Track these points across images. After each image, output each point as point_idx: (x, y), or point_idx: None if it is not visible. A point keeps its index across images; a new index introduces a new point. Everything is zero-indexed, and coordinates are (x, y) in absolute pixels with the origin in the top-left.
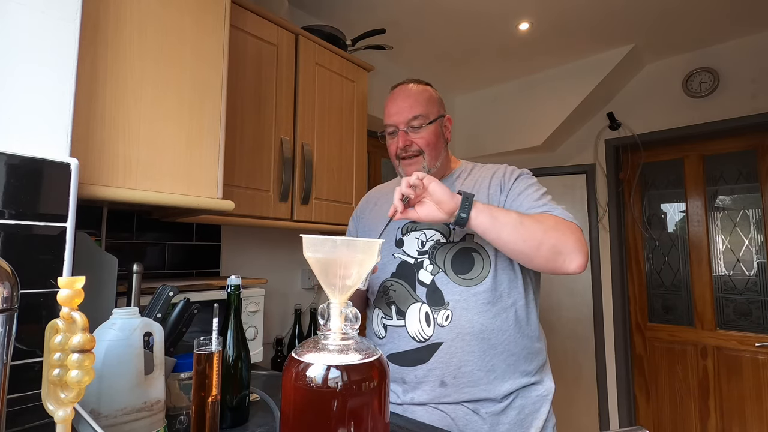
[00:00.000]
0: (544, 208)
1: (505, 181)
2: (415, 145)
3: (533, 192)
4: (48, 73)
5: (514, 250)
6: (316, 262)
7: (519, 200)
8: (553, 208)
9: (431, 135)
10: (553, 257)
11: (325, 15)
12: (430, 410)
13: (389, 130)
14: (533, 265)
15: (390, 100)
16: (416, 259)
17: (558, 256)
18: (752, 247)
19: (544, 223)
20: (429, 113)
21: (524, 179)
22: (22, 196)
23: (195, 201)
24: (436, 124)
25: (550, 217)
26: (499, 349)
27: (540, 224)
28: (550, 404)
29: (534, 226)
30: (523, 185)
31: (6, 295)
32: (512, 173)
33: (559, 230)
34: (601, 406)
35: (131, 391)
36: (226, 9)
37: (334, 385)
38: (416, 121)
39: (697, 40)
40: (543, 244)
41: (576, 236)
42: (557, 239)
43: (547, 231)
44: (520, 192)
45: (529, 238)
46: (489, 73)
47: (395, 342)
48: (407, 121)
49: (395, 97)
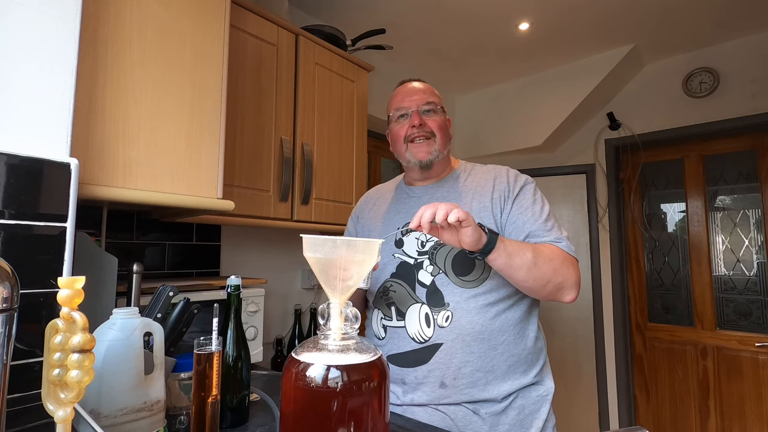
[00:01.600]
0: (551, 235)
1: (510, 188)
2: (428, 126)
3: (539, 210)
4: (48, 73)
5: (521, 286)
6: (316, 262)
7: (525, 217)
8: (559, 239)
9: (443, 121)
10: (555, 292)
11: (325, 15)
12: (430, 411)
13: (400, 113)
14: (533, 295)
15: (399, 91)
16: (416, 260)
17: (559, 291)
18: (752, 247)
19: (554, 261)
20: (439, 103)
21: (529, 189)
22: (22, 196)
23: (195, 201)
24: (445, 115)
25: (558, 252)
26: (499, 350)
27: (550, 263)
28: (550, 404)
29: (545, 266)
30: (529, 199)
31: (6, 295)
32: (516, 180)
33: (565, 268)
34: (601, 405)
35: (131, 391)
36: (226, 9)
37: (334, 385)
38: (430, 105)
39: (697, 40)
40: (550, 282)
41: (577, 273)
42: (563, 278)
43: (556, 270)
44: (525, 208)
45: (539, 278)
46: (489, 73)
47: (395, 343)
48: (421, 105)
49: (405, 88)
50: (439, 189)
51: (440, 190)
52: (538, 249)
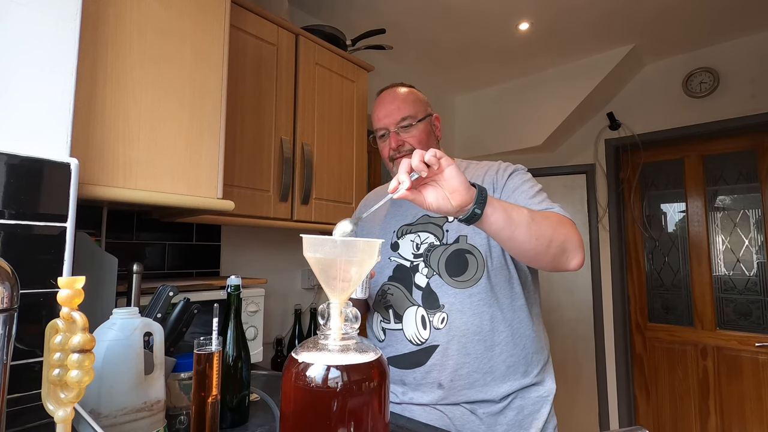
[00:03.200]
0: (543, 205)
1: (498, 177)
2: (407, 144)
3: (528, 189)
4: (48, 73)
5: (524, 249)
6: (316, 262)
7: (514, 197)
8: (551, 205)
9: (422, 133)
10: (559, 255)
11: (325, 15)
12: (428, 410)
13: (380, 134)
14: (539, 263)
15: (378, 104)
16: (412, 263)
17: (563, 253)
18: (752, 247)
19: (550, 219)
20: (417, 113)
21: (518, 175)
22: (22, 196)
23: (195, 201)
24: (425, 123)
25: (552, 213)
26: (496, 350)
27: (548, 221)
28: (551, 405)
29: (543, 222)
30: (518, 181)
31: (6, 295)
32: (506, 169)
33: (564, 227)
34: (601, 405)
35: (131, 391)
36: (225, 9)
37: (334, 385)
38: (405, 122)
39: (697, 40)
40: (552, 241)
41: (578, 234)
42: (565, 236)
43: (556, 228)
44: (515, 188)
45: (540, 235)
46: (489, 73)
47: (394, 345)
48: (397, 123)
49: (383, 101)
50: None
51: None
52: (532, 210)
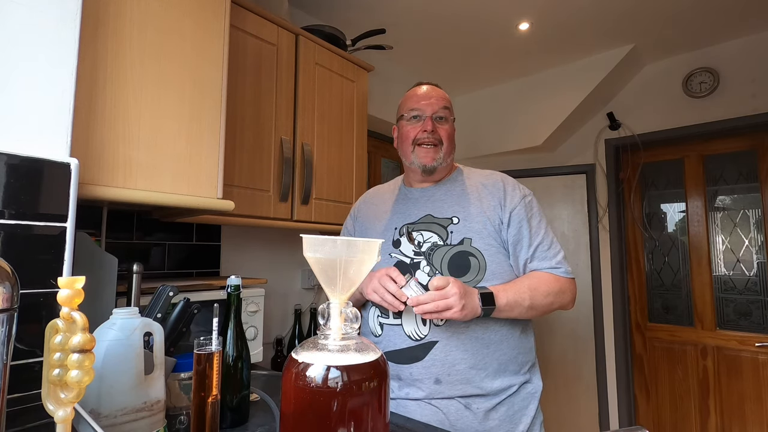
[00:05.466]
0: (550, 262)
1: (505, 199)
2: (438, 133)
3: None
4: (48, 72)
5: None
6: (316, 262)
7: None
8: (559, 264)
9: (451, 130)
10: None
11: (325, 15)
12: (423, 405)
13: (413, 114)
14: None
15: (416, 91)
16: (412, 260)
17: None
18: (752, 247)
19: (550, 296)
20: (451, 112)
21: (523, 208)
22: (22, 196)
23: (195, 201)
24: (453, 124)
25: (554, 284)
26: (491, 348)
27: (547, 299)
28: (538, 402)
29: (543, 302)
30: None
31: (6, 295)
32: (514, 190)
33: (562, 296)
34: (601, 405)
35: (131, 391)
36: (226, 9)
37: (334, 385)
38: (444, 112)
39: (697, 40)
40: (547, 311)
41: (573, 293)
42: (560, 305)
43: (553, 303)
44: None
45: (538, 314)
46: (489, 73)
47: (391, 339)
48: (435, 111)
49: (424, 90)
50: (437, 191)
51: (438, 192)
52: (534, 288)
